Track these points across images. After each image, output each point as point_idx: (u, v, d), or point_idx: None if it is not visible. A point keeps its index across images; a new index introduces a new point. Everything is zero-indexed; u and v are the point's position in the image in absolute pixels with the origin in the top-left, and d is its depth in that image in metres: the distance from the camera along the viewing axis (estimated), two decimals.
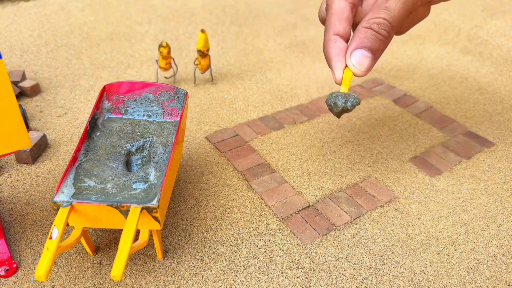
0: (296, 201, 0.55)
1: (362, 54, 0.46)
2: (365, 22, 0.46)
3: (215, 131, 0.67)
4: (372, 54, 0.47)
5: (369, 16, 0.46)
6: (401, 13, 0.46)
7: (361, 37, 0.46)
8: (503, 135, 0.68)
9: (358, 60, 0.46)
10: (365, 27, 0.46)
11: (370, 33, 0.46)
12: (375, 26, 0.46)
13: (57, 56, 0.87)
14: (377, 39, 0.46)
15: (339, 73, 0.47)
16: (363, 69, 0.46)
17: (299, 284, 0.45)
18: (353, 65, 0.46)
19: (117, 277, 0.36)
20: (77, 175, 0.45)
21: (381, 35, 0.46)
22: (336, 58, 0.47)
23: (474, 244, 0.50)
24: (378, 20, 0.46)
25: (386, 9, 0.46)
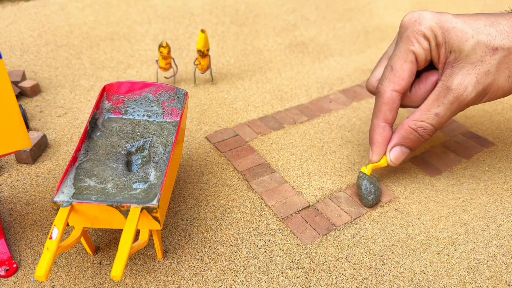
0: (296, 201, 0.55)
1: (401, 152, 0.51)
2: (412, 122, 0.50)
3: (215, 131, 0.67)
4: (410, 151, 0.52)
5: (417, 117, 0.50)
6: (447, 120, 0.50)
7: (404, 136, 0.51)
8: (503, 135, 0.68)
9: (396, 156, 0.52)
10: (411, 128, 0.50)
11: (414, 135, 0.50)
12: (421, 130, 0.50)
13: (57, 56, 0.87)
14: (418, 140, 0.51)
15: (378, 158, 0.52)
16: (397, 163, 0.52)
17: (299, 284, 0.45)
18: (391, 160, 0.52)
19: (117, 277, 0.36)
20: (77, 175, 0.45)
21: (424, 138, 0.51)
22: (379, 145, 0.51)
23: (474, 244, 0.50)
24: (425, 125, 0.50)
25: (436, 116, 0.49)
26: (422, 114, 0.49)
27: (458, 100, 0.48)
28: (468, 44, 0.46)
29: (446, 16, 0.48)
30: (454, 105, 0.48)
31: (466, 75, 0.47)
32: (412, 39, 0.48)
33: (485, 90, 0.48)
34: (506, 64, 0.47)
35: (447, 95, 0.48)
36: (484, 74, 0.47)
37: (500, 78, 0.47)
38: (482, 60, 0.46)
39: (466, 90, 0.47)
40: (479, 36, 0.46)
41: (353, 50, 0.93)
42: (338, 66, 0.86)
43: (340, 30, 1.01)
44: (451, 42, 0.47)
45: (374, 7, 1.14)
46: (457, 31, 0.46)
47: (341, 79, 0.82)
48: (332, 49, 0.93)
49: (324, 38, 0.98)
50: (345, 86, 0.80)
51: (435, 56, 0.48)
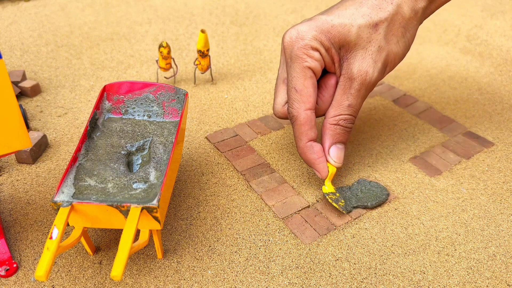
0: (296, 201, 0.55)
1: (338, 149, 0.53)
2: (331, 119, 0.52)
3: (215, 131, 0.67)
4: (344, 145, 0.54)
5: (334, 113, 0.52)
6: (361, 105, 0.52)
7: (332, 134, 0.52)
8: (503, 135, 0.68)
9: (336, 155, 0.53)
10: (333, 124, 0.52)
11: (340, 129, 0.52)
12: (342, 122, 0.52)
13: (57, 56, 0.87)
14: (346, 132, 0.53)
15: (326, 171, 0.53)
16: (341, 161, 0.53)
17: (299, 283, 0.45)
18: (334, 161, 0.53)
19: (117, 277, 0.36)
20: (78, 175, 0.45)
21: (348, 128, 0.53)
22: (318, 161, 0.52)
23: (473, 244, 0.50)
24: (344, 117, 0.52)
25: (350, 107, 0.51)
26: (337, 109, 0.51)
27: (364, 85, 0.50)
28: (352, 33, 0.48)
29: (321, 19, 0.49)
30: (362, 91, 0.50)
31: (362, 60, 0.49)
32: (303, 56, 0.49)
33: (384, 64, 0.50)
34: (391, 32, 0.49)
35: (352, 85, 0.50)
36: (377, 51, 0.49)
37: (392, 47, 0.50)
38: (369, 40, 0.48)
39: (368, 74, 0.49)
40: (357, 21, 0.48)
41: None
42: None
43: None
44: (336, 40, 0.49)
45: None
46: (337, 27, 0.48)
47: None
48: None
49: None
50: None
51: (329, 61, 0.50)
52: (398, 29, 0.50)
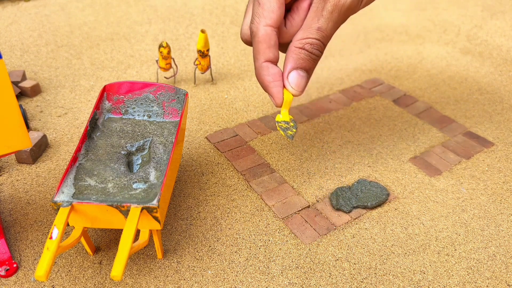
0: (296, 201, 0.55)
1: (299, 75, 0.47)
2: (297, 42, 0.47)
3: (215, 131, 0.67)
4: (307, 73, 0.48)
5: (301, 36, 0.46)
6: (332, 32, 0.47)
7: (295, 58, 0.47)
8: (503, 135, 0.68)
9: (295, 81, 0.47)
10: (298, 47, 0.47)
11: (304, 54, 0.47)
12: (308, 46, 0.46)
13: (57, 56, 0.87)
14: (311, 59, 0.47)
15: (280, 98, 0.48)
16: (301, 89, 0.47)
17: (299, 284, 0.45)
18: (292, 87, 0.47)
19: (117, 277, 0.36)
20: (78, 175, 0.45)
21: (315, 54, 0.47)
22: (273, 84, 0.47)
23: (473, 244, 0.50)
24: (311, 41, 0.46)
25: (319, 30, 0.46)
26: (305, 32, 0.46)
27: (337, 7, 0.45)
28: None
29: None
30: (335, 14, 0.45)
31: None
32: None
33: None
34: None
35: (325, 6, 0.45)
36: None
37: None
38: None
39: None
40: None
41: (353, 50, 0.93)
42: (338, 66, 0.86)
43: (340, 30, 1.01)
44: None
45: (374, 7, 1.14)
46: None
47: (341, 79, 0.82)
48: (332, 49, 0.93)
49: None
50: (345, 86, 0.80)
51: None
52: None
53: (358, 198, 0.55)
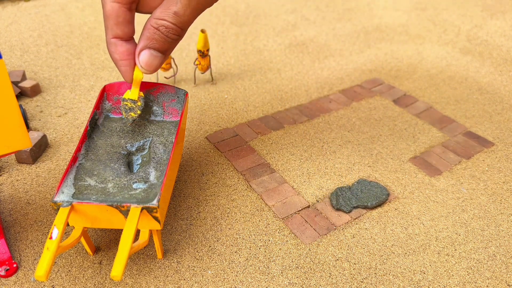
0: (296, 201, 0.55)
1: (151, 55, 0.45)
2: (153, 21, 0.44)
3: (215, 131, 0.67)
4: (161, 54, 0.45)
5: (158, 15, 0.44)
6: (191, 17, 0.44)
7: (149, 36, 0.44)
8: (503, 135, 0.68)
9: (146, 60, 0.45)
10: (153, 27, 0.44)
11: (159, 35, 0.44)
12: (163, 29, 0.44)
13: (57, 56, 0.87)
14: (165, 41, 0.45)
15: (128, 76, 0.46)
16: (152, 69, 0.45)
17: (299, 284, 0.45)
18: (142, 66, 0.45)
19: (117, 277, 0.36)
20: (78, 175, 0.45)
21: (170, 38, 0.45)
22: (121, 63, 0.46)
23: (473, 244, 0.50)
24: (167, 24, 0.44)
25: (176, 15, 0.43)
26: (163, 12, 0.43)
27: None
28: None
29: None
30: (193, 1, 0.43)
31: None
32: None
33: None
34: None
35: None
36: None
37: None
38: None
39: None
40: None
41: (353, 50, 0.93)
42: (338, 66, 0.86)
43: (340, 30, 1.01)
44: None
45: (374, 7, 1.14)
46: None
47: (341, 79, 0.82)
48: (332, 49, 0.93)
49: (324, 38, 0.98)
50: (345, 86, 0.80)
51: None
52: None
53: (358, 198, 0.55)
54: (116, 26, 0.44)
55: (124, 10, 0.44)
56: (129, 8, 0.44)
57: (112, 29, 0.44)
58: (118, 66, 0.46)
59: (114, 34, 0.45)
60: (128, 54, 0.45)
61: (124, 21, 0.44)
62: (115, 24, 0.44)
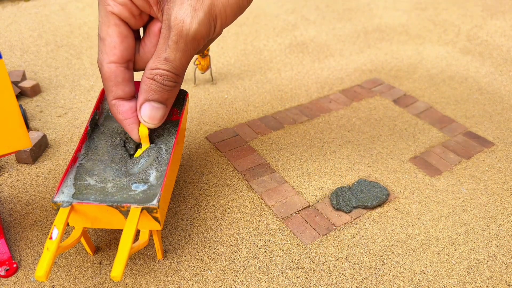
0: (296, 201, 0.55)
1: (152, 107, 0.44)
2: (148, 72, 0.44)
3: (215, 131, 0.67)
4: (162, 104, 0.45)
5: (151, 65, 0.43)
6: (183, 61, 0.43)
7: (146, 89, 0.44)
8: (503, 135, 0.68)
9: (148, 114, 0.45)
10: (148, 78, 0.44)
11: (155, 85, 0.44)
12: (159, 78, 0.43)
13: (57, 56, 0.87)
14: (163, 90, 0.44)
15: (134, 134, 0.46)
16: (156, 122, 0.45)
17: (299, 284, 0.45)
18: (145, 120, 0.45)
19: (117, 277, 0.36)
20: (78, 175, 0.45)
21: (167, 86, 0.44)
22: (126, 122, 0.45)
23: (474, 244, 0.50)
24: (161, 72, 0.43)
25: (167, 61, 0.43)
26: (155, 61, 0.43)
27: (181, 37, 0.41)
28: None
29: None
30: (180, 44, 0.42)
31: (180, 6, 0.40)
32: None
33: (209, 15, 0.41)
34: None
35: (170, 35, 0.42)
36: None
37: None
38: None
39: (184, 24, 0.40)
40: None
41: (353, 50, 0.93)
42: (338, 66, 0.86)
43: (340, 30, 1.01)
44: None
45: (374, 7, 1.14)
46: None
47: (341, 79, 0.82)
48: (332, 49, 0.93)
49: (324, 38, 0.98)
50: (345, 86, 0.80)
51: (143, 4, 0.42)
52: None
53: (358, 198, 0.55)
54: (116, 87, 0.44)
55: (122, 69, 0.44)
56: (127, 67, 0.44)
57: (112, 90, 0.44)
58: (124, 126, 0.46)
59: (115, 96, 0.44)
60: (131, 112, 0.45)
61: (124, 81, 0.44)
62: (114, 85, 0.44)
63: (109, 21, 0.42)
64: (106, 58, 0.43)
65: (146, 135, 0.46)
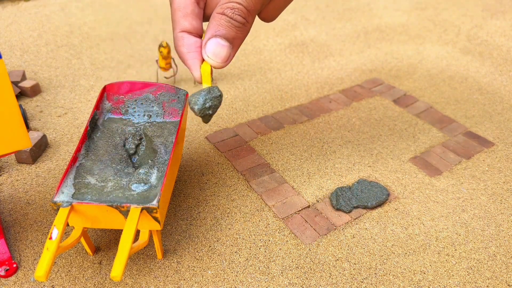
0: (296, 201, 0.55)
1: (218, 43, 0.42)
2: (218, 8, 0.42)
3: (215, 131, 0.67)
4: (229, 43, 0.43)
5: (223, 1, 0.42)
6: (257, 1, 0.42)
7: (215, 24, 0.42)
8: (503, 135, 0.68)
9: (213, 50, 0.42)
10: (218, 13, 0.42)
11: (225, 19, 0.42)
12: (229, 11, 0.41)
13: (57, 56, 0.87)
14: (232, 25, 0.42)
15: (197, 71, 0.43)
16: (220, 60, 0.43)
17: (299, 284, 0.45)
18: (208, 56, 0.42)
19: (117, 277, 0.36)
20: (77, 175, 0.45)
21: (237, 21, 0.42)
22: (188, 56, 0.43)
23: (474, 244, 0.50)
24: (231, 5, 0.41)
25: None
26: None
27: None
28: None
29: None
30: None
31: None
32: None
33: None
34: None
35: None
36: None
37: None
38: None
39: None
40: None
41: (353, 50, 0.93)
42: (338, 66, 0.86)
43: (340, 30, 1.01)
44: None
45: (374, 7, 1.14)
46: None
47: (341, 79, 0.82)
48: (332, 49, 0.93)
49: (324, 38, 0.98)
50: (345, 86, 0.80)
51: None
52: None
53: (358, 198, 0.55)
54: (184, 18, 0.43)
55: (193, 2, 0.43)
56: (197, 1, 0.43)
57: (180, 22, 0.43)
58: (185, 60, 0.43)
59: (182, 28, 0.43)
60: (196, 46, 0.43)
61: (193, 13, 0.43)
62: (183, 16, 0.43)
63: None
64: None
65: (209, 73, 0.43)
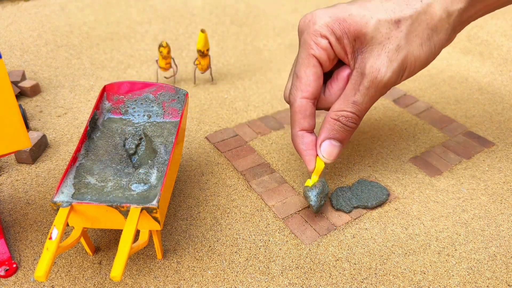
0: (296, 201, 0.55)
1: (331, 144, 0.50)
2: (333, 113, 0.49)
3: (215, 131, 0.67)
4: (340, 143, 0.50)
5: (337, 107, 0.49)
6: (368, 106, 0.49)
7: (329, 128, 0.49)
8: (503, 135, 0.68)
9: (327, 150, 0.50)
10: (333, 119, 0.49)
11: (338, 125, 0.49)
12: (343, 119, 0.49)
13: (57, 56, 0.87)
14: (345, 130, 0.49)
15: (312, 165, 0.50)
16: (332, 158, 0.50)
17: (299, 284, 0.45)
18: (323, 156, 0.50)
19: (117, 277, 0.36)
20: (77, 175, 0.45)
21: (349, 127, 0.49)
22: (306, 152, 0.50)
23: (474, 244, 0.50)
24: (346, 114, 0.48)
25: (355, 104, 0.48)
26: (342, 104, 0.48)
27: (374, 84, 0.46)
28: (370, 26, 0.45)
29: (340, 7, 0.46)
30: (371, 90, 0.47)
31: (377, 57, 0.45)
32: (310, 42, 0.47)
33: (401, 66, 0.46)
34: (415, 33, 0.45)
35: (362, 81, 0.46)
36: (394, 50, 0.45)
37: (413, 49, 0.46)
38: (388, 37, 0.45)
39: (380, 72, 0.45)
40: (378, 14, 0.45)
41: None
42: None
43: None
44: (351, 30, 0.45)
45: None
46: (354, 17, 0.45)
47: None
48: None
49: None
50: None
51: (340, 51, 0.47)
52: (424, 30, 0.45)
53: (358, 198, 0.55)
54: (304, 120, 0.49)
55: (311, 105, 0.49)
56: (314, 103, 0.50)
57: (300, 122, 0.49)
58: (303, 156, 0.50)
59: (302, 127, 0.50)
60: (312, 145, 0.50)
61: (310, 115, 0.49)
62: (303, 118, 0.49)
63: (309, 62, 0.47)
64: (300, 94, 0.48)
65: (322, 169, 0.50)
